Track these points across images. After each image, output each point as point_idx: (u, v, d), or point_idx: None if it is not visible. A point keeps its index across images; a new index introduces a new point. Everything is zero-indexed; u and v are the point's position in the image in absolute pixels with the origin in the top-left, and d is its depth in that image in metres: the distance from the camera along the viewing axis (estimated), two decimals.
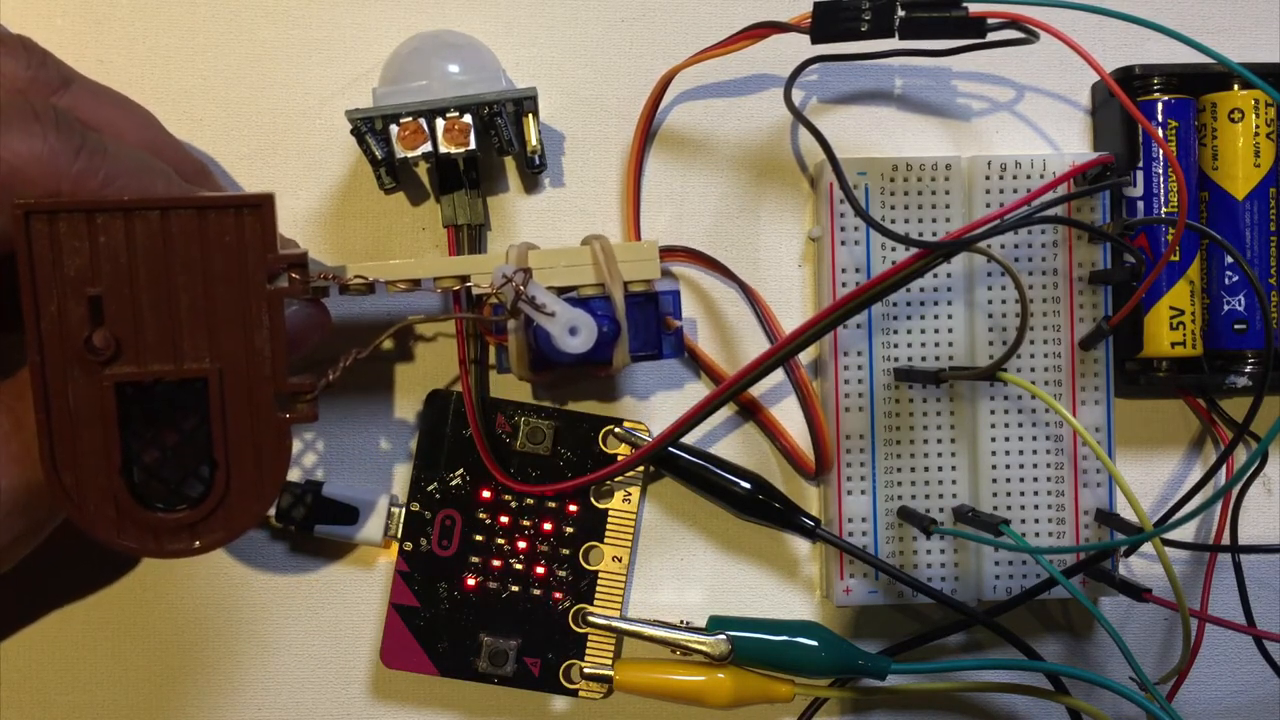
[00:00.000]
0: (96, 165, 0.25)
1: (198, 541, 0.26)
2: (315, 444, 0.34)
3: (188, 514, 0.26)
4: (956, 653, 0.35)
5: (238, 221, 0.26)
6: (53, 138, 0.25)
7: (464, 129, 0.31)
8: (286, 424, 0.26)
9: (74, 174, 0.25)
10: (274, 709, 0.34)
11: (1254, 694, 0.35)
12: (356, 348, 0.28)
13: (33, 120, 0.25)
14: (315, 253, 0.34)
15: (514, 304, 0.28)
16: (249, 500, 0.26)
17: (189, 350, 0.26)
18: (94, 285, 0.25)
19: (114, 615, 0.34)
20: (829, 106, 0.35)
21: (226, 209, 0.26)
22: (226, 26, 0.34)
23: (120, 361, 0.25)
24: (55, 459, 0.25)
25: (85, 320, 0.25)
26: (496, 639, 0.33)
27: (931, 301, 0.33)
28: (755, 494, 0.33)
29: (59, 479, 0.26)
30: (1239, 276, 0.33)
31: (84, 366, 0.25)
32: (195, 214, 0.25)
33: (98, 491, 0.26)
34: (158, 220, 0.25)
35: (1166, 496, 0.35)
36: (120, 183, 0.26)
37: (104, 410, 0.25)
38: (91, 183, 0.25)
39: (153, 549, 0.26)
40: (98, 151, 0.26)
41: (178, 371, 0.26)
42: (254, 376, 0.26)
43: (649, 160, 0.35)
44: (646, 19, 0.35)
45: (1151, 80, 0.33)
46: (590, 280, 0.30)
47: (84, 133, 0.26)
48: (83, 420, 0.25)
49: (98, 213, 0.25)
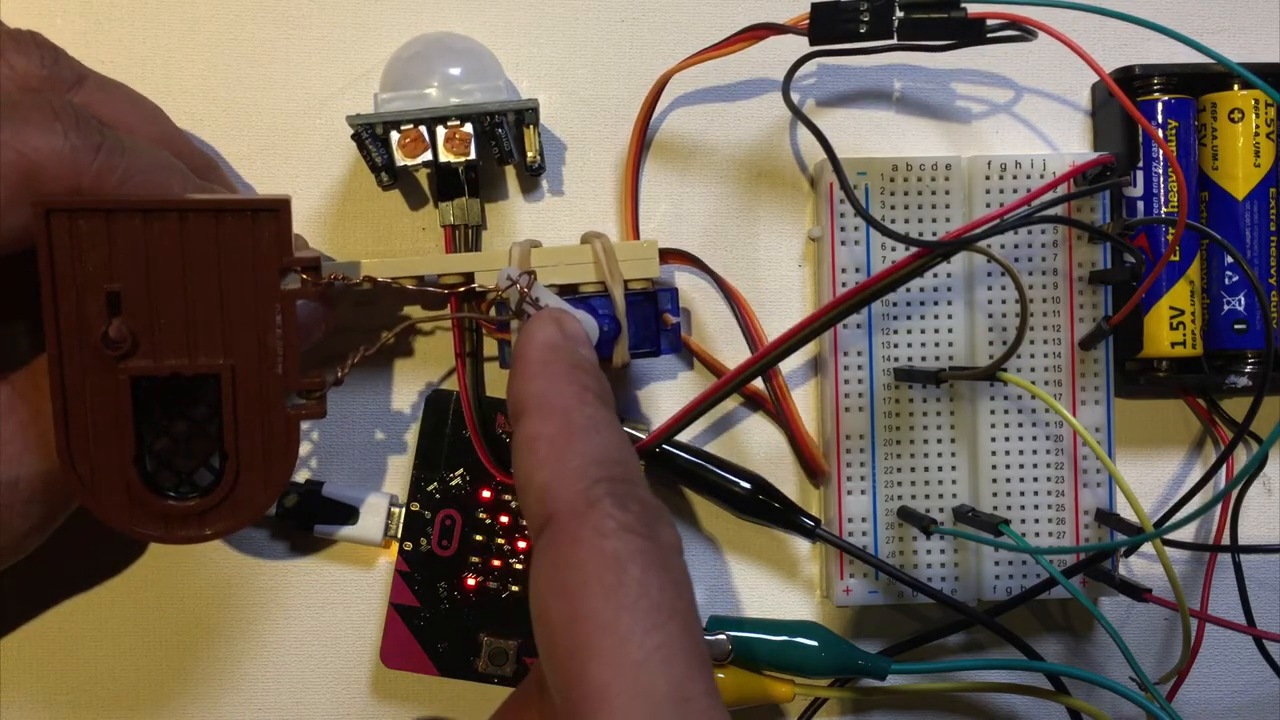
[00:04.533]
0: (115, 163, 0.26)
1: (208, 529, 0.27)
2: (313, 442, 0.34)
3: (198, 503, 0.27)
4: (956, 653, 0.35)
5: (254, 224, 0.26)
6: (73, 135, 0.25)
7: (465, 138, 0.31)
8: (296, 419, 0.27)
9: (94, 171, 0.25)
10: (274, 708, 0.34)
11: (1254, 694, 0.35)
12: (364, 345, 0.28)
13: (52, 118, 0.25)
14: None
15: (519, 306, 0.29)
16: (257, 491, 0.27)
17: (203, 346, 0.26)
18: (112, 282, 0.26)
19: (114, 614, 0.34)
20: (828, 108, 0.35)
21: (243, 212, 0.26)
22: (226, 26, 0.34)
23: (136, 356, 0.26)
24: (71, 448, 0.26)
25: (103, 315, 0.26)
26: (496, 639, 0.33)
27: (931, 301, 0.33)
28: (755, 494, 0.33)
29: (74, 468, 0.26)
30: (1239, 276, 0.33)
31: (100, 360, 0.26)
32: (212, 216, 0.26)
33: (111, 480, 0.26)
34: (175, 222, 0.26)
35: (1166, 497, 0.35)
36: (137, 179, 0.26)
37: (119, 403, 0.26)
38: (110, 180, 0.26)
39: (163, 536, 0.27)
40: (116, 149, 0.26)
41: (192, 367, 0.26)
42: (265, 373, 0.27)
43: (649, 162, 0.35)
44: (646, 20, 0.35)
45: (1151, 80, 0.33)
46: (591, 279, 0.30)
47: (102, 130, 0.26)
48: (98, 412, 0.26)
49: (117, 213, 0.26)
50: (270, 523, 0.34)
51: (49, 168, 0.25)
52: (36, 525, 0.28)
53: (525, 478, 0.23)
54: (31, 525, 0.27)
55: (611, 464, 0.23)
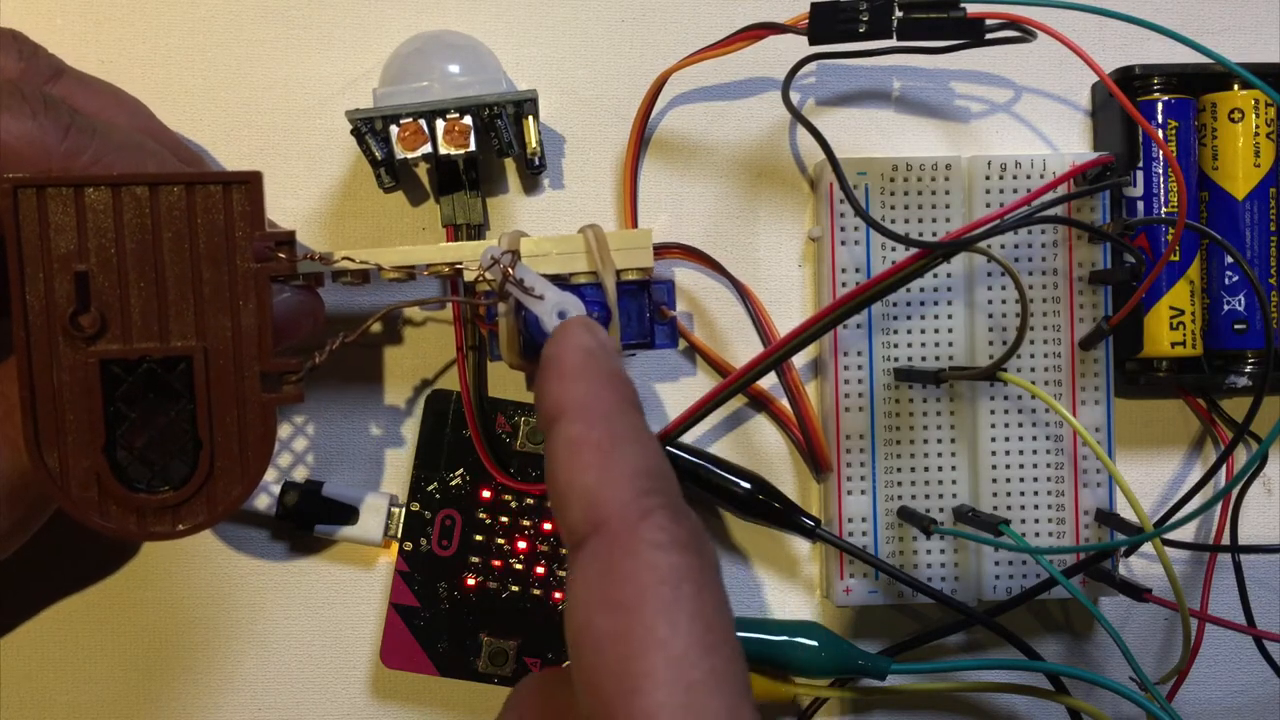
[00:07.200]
0: (84, 144, 0.26)
1: (180, 524, 0.26)
2: (312, 441, 0.34)
3: (171, 495, 0.26)
4: (956, 653, 0.35)
5: (226, 197, 0.26)
6: (41, 117, 0.25)
7: (464, 130, 0.31)
8: (272, 404, 0.26)
9: (62, 151, 0.25)
10: (274, 708, 0.34)
11: (1254, 694, 0.35)
12: (344, 331, 0.27)
13: (21, 102, 0.25)
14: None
15: (502, 286, 0.28)
16: (233, 482, 0.26)
17: (175, 328, 0.26)
18: (81, 262, 0.25)
19: (113, 615, 0.34)
20: (828, 108, 0.35)
21: (215, 184, 0.26)
22: (226, 26, 0.34)
23: (106, 339, 0.26)
24: (39, 438, 0.25)
25: (71, 297, 0.25)
26: (496, 639, 0.33)
27: (931, 301, 0.33)
28: (755, 494, 0.33)
29: (42, 459, 0.26)
30: (1239, 276, 0.33)
31: (69, 344, 0.25)
32: (184, 189, 0.26)
33: (81, 472, 0.26)
34: (146, 195, 0.25)
35: (1166, 496, 0.35)
36: (108, 160, 0.26)
37: (89, 388, 0.25)
38: (80, 160, 0.26)
39: (135, 531, 0.26)
40: (85, 130, 0.26)
41: (163, 349, 0.26)
42: (240, 356, 0.26)
43: (649, 161, 0.35)
44: (646, 19, 0.35)
45: (1151, 80, 0.33)
46: (583, 268, 0.30)
47: (72, 113, 0.26)
48: (67, 399, 0.25)
49: (85, 187, 0.25)
50: (270, 523, 0.34)
51: (15, 147, 0.25)
52: (16, 525, 0.27)
53: (566, 482, 0.22)
54: (11, 524, 0.27)
55: (659, 476, 0.22)
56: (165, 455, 0.26)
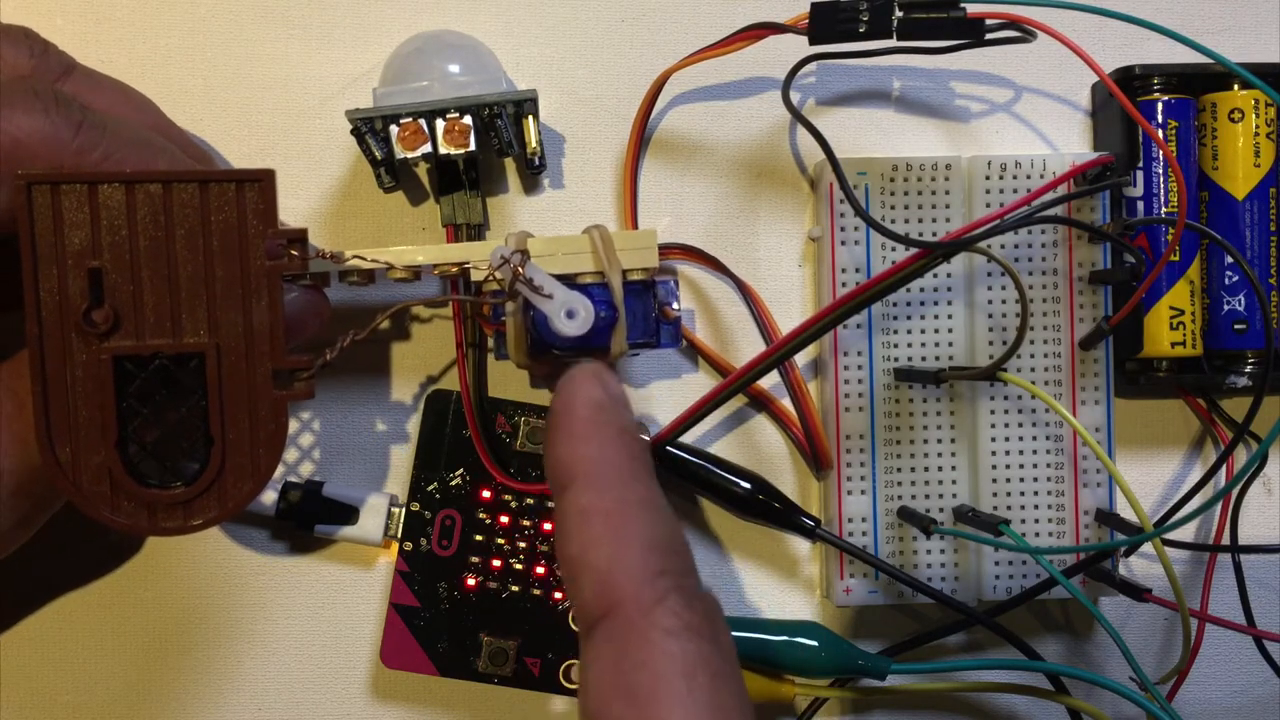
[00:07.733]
0: (96, 140, 0.26)
1: (192, 520, 0.26)
2: (314, 442, 0.34)
3: (183, 491, 0.26)
4: (956, 653, 0.35)
5: (239, 195, 0.26)
6: (53, 113, 0.25)
7: (464, 130, 0.31)
8: (283, 401, 0.26)
9: (75, 148, 0.25)
10: (274, 708, 0.34)
11: (1254, 694, 0.35)
12: (354, 330, 0.28)
13: (33, 99, 0.25)
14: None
15: (511, 285, 0.28)
16: (244, 478, 0.26)
17: (188, 325, 0.26)
18: (94, 258, 0.25)
19: (113, 614, 0.34)
20: (828, 108, 0.35)
21: (228, 182, 0.26)
22: (226, 26, 0.34)
23: (119, 335, 0.26)
24: (51, 433, 0.25)
25: (84, 293, 0.25)
26: (496, 639, 0.33)
27: (931, 301, 0.33)
28: (755, 494, 0.33)
29: (54, 453, 0.26)
30: (1239, 276, 0.33)
31: (82, 340, 0.25)
32: (197, 187, 0.26)
33: (93, 467, 0.26)
34: (159, 193, 0.26)
35: (1166, 496, 0.35)
36: (120, 156, 0.26)
37: (101, 383, 0.25)
38: (92, 156, 0.26)
39: (147, 526, 0.26)
40: (97, 127, 0.26)
41: (176, 346, 0.26)
42: (252, 353, 0.26)
43: (649, 161, 0.35)
44: (646, 19, 0.35)
45: (1151, 80, 0.33)
46: (589, 268, 0.30)
47: (84, 110, 0.26)
48: (79, 394, 0.25)
49: (99, 184, 0.25)
50: (270, 523, 0.34)
51: (29, 144, 0.25)
52: (23, 520, 0.27)
53: (577, 556, 0.22)
54: (15, 521, 0.27)
55: (672, 553, 0.22)
56: (177, 451, 0.26)
